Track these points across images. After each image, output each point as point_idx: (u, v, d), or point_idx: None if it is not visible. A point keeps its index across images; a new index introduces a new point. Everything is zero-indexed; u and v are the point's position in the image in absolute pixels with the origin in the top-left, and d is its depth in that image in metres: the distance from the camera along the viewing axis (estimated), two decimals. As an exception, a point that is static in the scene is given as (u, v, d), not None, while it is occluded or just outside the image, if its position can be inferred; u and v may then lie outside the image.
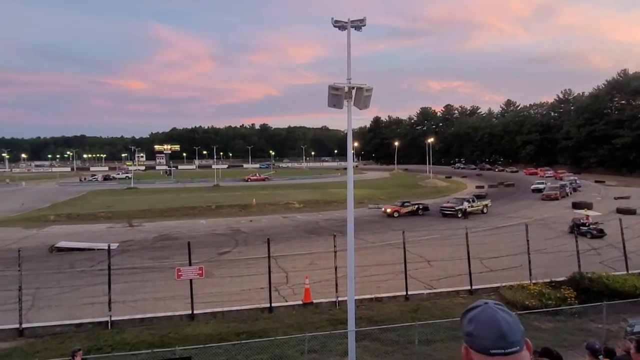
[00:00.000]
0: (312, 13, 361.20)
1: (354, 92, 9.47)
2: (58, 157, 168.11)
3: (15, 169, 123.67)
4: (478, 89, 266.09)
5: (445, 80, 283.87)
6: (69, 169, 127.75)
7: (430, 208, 38.00)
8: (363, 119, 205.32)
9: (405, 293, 15.20)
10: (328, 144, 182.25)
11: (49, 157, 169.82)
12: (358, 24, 9.85)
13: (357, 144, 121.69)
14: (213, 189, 60.34)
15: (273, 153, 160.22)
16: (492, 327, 1.21)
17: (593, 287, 14.07)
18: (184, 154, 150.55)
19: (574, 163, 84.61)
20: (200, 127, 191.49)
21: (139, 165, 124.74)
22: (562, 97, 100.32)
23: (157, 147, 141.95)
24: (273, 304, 14.27)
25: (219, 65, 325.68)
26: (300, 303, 14.65)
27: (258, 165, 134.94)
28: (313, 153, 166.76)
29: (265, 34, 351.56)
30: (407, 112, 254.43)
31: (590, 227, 24.58)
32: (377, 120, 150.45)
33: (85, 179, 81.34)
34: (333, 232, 18.44)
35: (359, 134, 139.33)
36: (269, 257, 14.96)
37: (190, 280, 14.03)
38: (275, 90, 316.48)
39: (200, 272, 14.30)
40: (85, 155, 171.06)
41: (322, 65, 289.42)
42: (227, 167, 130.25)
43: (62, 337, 12.52)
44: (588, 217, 25.88)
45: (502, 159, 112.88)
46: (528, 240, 16.61)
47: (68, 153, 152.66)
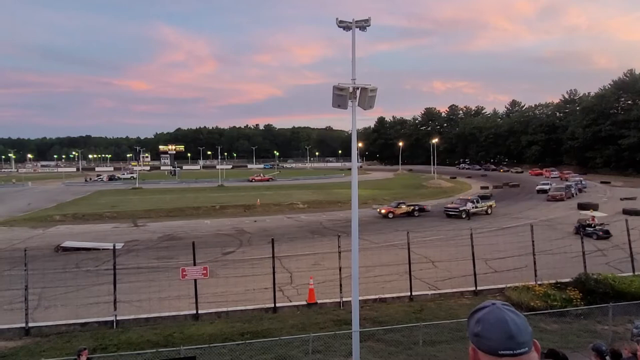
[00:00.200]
0: (316, 14, 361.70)
1: (359, 92, 9.45)
2: (64, 157, 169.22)
3: (22, 169, 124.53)
4: (483, 89, 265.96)
5: (450, 81, 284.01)
6: (75, 169, 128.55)
7: (434, 209, 37.91)
8: (367, 120, 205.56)
9: (410, 294, 15.16)
10: (332, 145, 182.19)
11: (55, 157, 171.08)
12: (363, 24, 9.84)
13: (361, 145, 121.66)
14: (217, 189, 60.49)
15: (277, 153, 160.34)
16: (500, 328, 1.21)
17: (599, 288, 13.94)
18: (189, 155, 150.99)
19: (580, 164, 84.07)
20: (205, 127, 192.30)
21: (144, 166, 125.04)
22: (567, 97, 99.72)
23: (161, 147, 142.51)
24: (277, 304, 14.28)
25: (224, 66, 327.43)
26: (305, 303, 14.64)
27: (262, 166, 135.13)
28: (317, 153, 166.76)
29: (270, 35, 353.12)
30: (411, 112, 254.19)
31: (596, 228, 24.43)
32: (381, 121, 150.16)
33: (91, 179, 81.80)
34: (337, 232, 18.46)
35: (363, 135, 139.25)
36: (273, 257, 14.98)
37: (195, 280, 14.06)
38: (280, 91, 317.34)
39: (205, 272, 14.32)
40: (91, 156, 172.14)
41: (326, 66, 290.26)
42: (231, 167, 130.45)
43: (67, 336, 12.60)
44: (594, 218, 25.70)
45: (507, 160, 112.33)
46: (533, 241, 16.50)
47: (73, 153, 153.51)
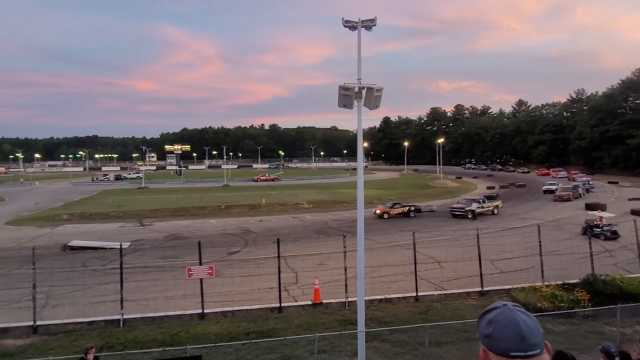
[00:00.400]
0: (321, 14, 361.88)
1: (365, 92, 9.44)
2: (71, 157, 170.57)
3: (29, 169, 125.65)
4: (489, 89, 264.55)
5: (456, 80, 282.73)
6: (82, 169, 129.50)
7: (440, 209, 37.76)
8: (372, 119, 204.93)
9: (416, 294, 15.11)
10: (337, 144, 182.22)
11: (62, 157, 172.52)
12: (369, 24, 9.83)
13: (366, 144, 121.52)
14: (223, 189, 60.68)
15: (282, 153, 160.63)
16: (512, 329, 1.20)
17: (607, 289, 13.82)
18: (194, 154, 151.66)
19: (587, 164, 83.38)
20: (211, 127, 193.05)
21: (150, 165, 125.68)
22: (574, 96, 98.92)
23: (167, 147, 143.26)
24: (283, 304, 14.30)
25: (229, 66, 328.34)
26: (310, 303, 14.65)
27: (267, 166, 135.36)
28: (322, 153, 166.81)
29: (275, 35, 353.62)
30: (417, 112, 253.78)
31: (604, 228, 24.22)
32: (386, 121, 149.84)
33: (97, 179, 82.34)
34: (342, 232, 18.42)
35: (369, 134, 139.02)
36: (279, 257, 14.99)
37: (201, 280, 14.11)
38: (285, 91, 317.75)
39: (211, 271, 14.36)
40: (97, 156, 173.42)
41: (331, 66, 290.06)
42: (236, 167, 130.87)
43: (75, 334, 12.69)
44: (601, 218, 25.48)
45: (513, 160, 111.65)
46: (540, 242, 16.39)
47: (80, 153, 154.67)
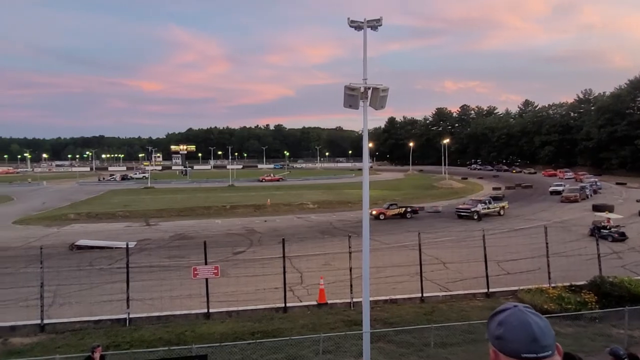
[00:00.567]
0: (326, 14, 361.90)
1: (370, 92, 9.41)
2: (78, 157, 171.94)
3: (37, 169, 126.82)
4: (495, 89, 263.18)
5: (462, 80, 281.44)
6: (88, 169, 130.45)
7: (446, 210, 37.61)
8: (378, 120, 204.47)
9: (421, 295, 15.06)
10: (342, 145, 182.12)
11: (69, 157, 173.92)
12: (374, 24, 9.79)
13: (371, 145, 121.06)
14: (228, 189, 60.86)
15: (287, 153, 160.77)
16: (524, 330, 1.19)
17: (614, 291, 13.70)
18: (200, 154, 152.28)
19: (595, 164, 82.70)
20: (216, 127, 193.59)
21: (156, 165, 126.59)
22: (582, 97, 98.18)
23: (173, 147, 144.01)
24: (288, 304, 14.30)
25: (234, 66, 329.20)
26: (315, 303, 14.64)
27: (272, 166, 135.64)
28: (327, 154, 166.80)
29: (280, 35, 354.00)
30: (422, 112, 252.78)
31: (612, 230, 23.99)
32: (391, 121, 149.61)
33: (104, 179, 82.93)
34: (347, 233, 18.42)
35: (374, 135, 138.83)
36: (284, 257, 15.00)
37: (206, 279, 14.16)
38: (290, 91, 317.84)
39: (216, 271, 14.40)
40: (104, 156, 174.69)
41: (336, 66, 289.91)
42: (241, 167, 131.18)
43: (81, 333, 12.77)
44: (609, 219, 25.25)
45: (519, 160, 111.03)
46: (547, 243, 16.26)
47: (87, 153, 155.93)
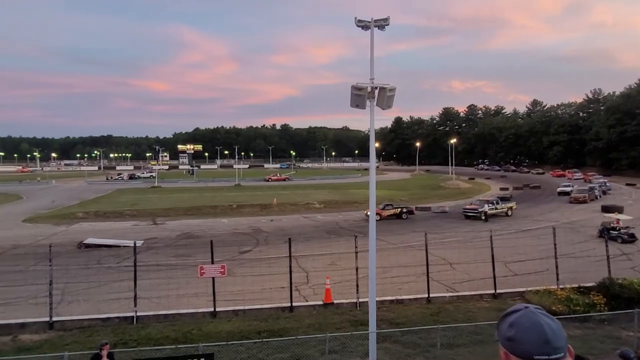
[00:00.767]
0: (332, 14, 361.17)
1: (377, 92, 9.38)
2: (86, 156, 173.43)
3: (46, 168, 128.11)
4: (503, 89, 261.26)
5: (469, 80, 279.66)
6: (96, 168, 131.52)
7: (452, 210, 37.43)
8: (384, 119, 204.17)
9: (427, 295, 15.00)
10: (349, 145, 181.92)
11: (78, 156, 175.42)
12: (382, 23, 9.77)
13: (378, 145, 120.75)
14: (234, 189, 61.06)
15: (294, 153, 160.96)
16: (535, 332, 1.17)
17: (624, 293, 13.55)
18: (206, 154, 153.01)
19: (604, 165, 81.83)
20: (222, 127, 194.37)
21: (163, 165, 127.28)
22: (591, 96, 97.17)
23: (180, 146, 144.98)
24: (294, 304, 14.32)
25: (241, 66, 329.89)
26: (321, 303, 14.64)
27: (279, 166, 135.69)
28: (334, 153, 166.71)
29: (287, 35, 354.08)
30: (429, 112, 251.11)
31: (621, 231, 23.71)
32: (398, 121, 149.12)
33: (112, 178, 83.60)
34: (353, 232, 18.39)
35: (380, 135, 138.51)
36: (290, 256, 15.01)
37: (213, 278, 14.21)
38: (296, 91, 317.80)
39: (223, 270, 14.44)
40: (112, 155, 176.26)
41: (343, 66, 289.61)
42: (248, 167, 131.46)
43: (89, 330, 12.88)
44: (618, 221, 24.95)
45: (527, 161, 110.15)
46: (555, 244, 16.12)
47: (95, 152, 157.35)
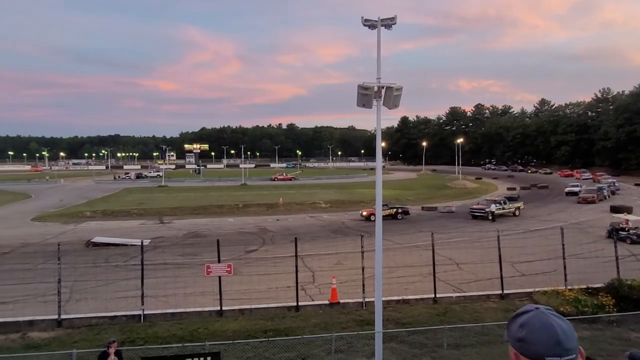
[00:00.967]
0: (339, 13, 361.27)
1: (384, 91, 9.35)
2: (94, 155, 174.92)
3: (55, 167, 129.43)
4: (510, 88, 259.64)
5: (476, 79, 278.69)
6: (104, 167, 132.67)
7: (459, 210, 37.24)
8: (390, 119, 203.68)
9: (434, 296, 14.94)
10: (355, 144, 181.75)
11: (86, 155, 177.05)
12: (388, 23, 9.73)
13: (384, 144, 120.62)
14: (240, 188, 61.24)
15: (300, 153, 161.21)
16: (547, 332, 1.16)
17: (633, 294, 13.41)
18: (213, 153, 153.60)
19: (613, 165, 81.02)
20: (229, 126, 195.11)
21: (170, 164, 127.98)
22: (600, 96, 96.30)
23: (187, 146, 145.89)
24: (300, 303, 14.32)
25: (247, 66, 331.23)
26: (327, 303, 14.64)
27: (285, 165, 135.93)
28: (340, 153, 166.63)
29: (293, 35, 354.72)
30: (435, 112, 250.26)
31: (630, 232, 23.45)
32: (404, 120, 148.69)
33: (119, 177, 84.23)
34: (359, 232, 18.36)
35: (386, 134, 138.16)
36: (296, 256, 15.02)
37: (219, 277, 14.26)
38: (303, 90, 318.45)
39: (229, 269, 14.49)
40: (119, 154, 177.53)
41: (349, 65, 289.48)
42: (254, 166, 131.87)
43: (97, 328, 12.99)
44: (628, 221, 24.69)
45: (535, 160, 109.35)
46: (563, 245, 15.97)
47: (103, 152, 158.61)
